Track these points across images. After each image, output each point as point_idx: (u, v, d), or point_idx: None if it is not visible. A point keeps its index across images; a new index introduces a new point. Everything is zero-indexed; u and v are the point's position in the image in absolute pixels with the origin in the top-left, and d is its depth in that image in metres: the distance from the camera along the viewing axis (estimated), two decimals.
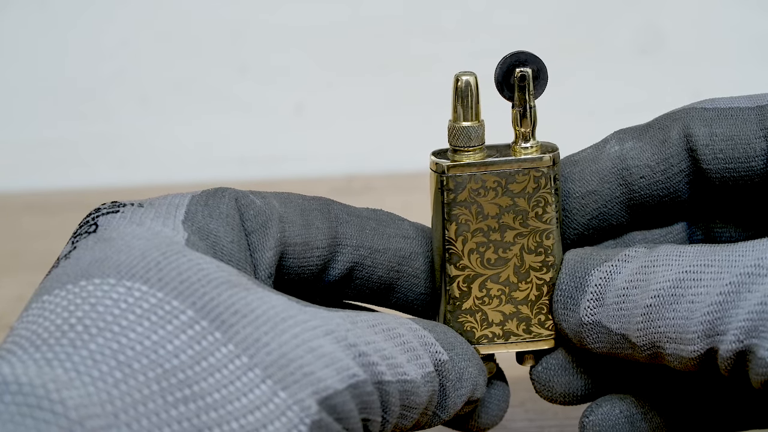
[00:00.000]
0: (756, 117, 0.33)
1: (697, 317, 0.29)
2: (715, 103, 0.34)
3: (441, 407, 0.32)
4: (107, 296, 0.27)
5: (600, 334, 0.32)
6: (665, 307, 0.30)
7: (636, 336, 0.31)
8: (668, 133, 0.34)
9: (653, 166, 0.34)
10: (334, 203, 0.34)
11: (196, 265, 0.28)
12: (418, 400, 0.30)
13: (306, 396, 0.27)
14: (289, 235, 0.32)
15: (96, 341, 0.26)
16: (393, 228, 0.34)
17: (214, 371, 0.26)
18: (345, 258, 0.33)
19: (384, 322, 0.30)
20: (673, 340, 0.30)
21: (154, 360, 0.26)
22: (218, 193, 0.32)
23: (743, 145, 0.33)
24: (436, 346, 0.32)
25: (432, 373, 0.31)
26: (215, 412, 0.26)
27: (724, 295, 0.29)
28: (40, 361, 0.25)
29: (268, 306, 0.28)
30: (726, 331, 0.28)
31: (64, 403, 0.24)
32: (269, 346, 0.27)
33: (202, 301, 0.27)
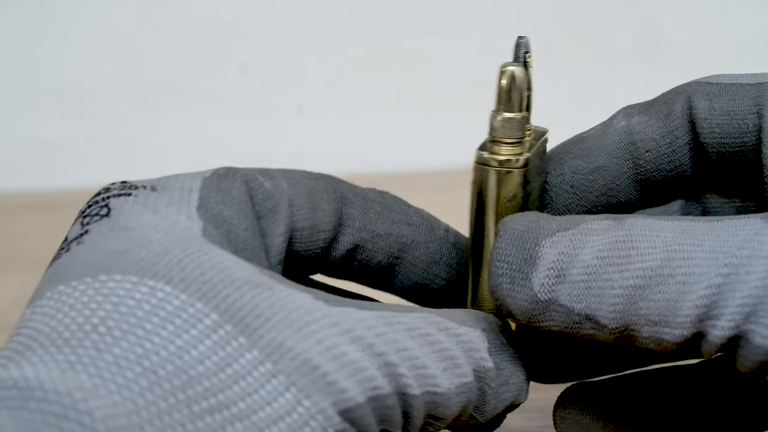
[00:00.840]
0: (753, 93, 0.33)
1: (691, 300, 0.27)
2: (719, 78, 0.33)
3: (479, 411, 0.31)
4: (129, 295, 0.26)
5: (556, 313, 0.29)
6: (651, 288, 0.28)
7: (608, 318, 0.28)
8: (672, 106, 0.34)
9: (658, 140, 0.34)
10: (341, 182, 0.34)
11: (219, 264, 0.27)
12: (447, 412, 0.29)
13: (328, 406, 0.26)
14: (297, 220, 0.32)
15: (120, 345, 0.25)
16: (398, 213, 0.34)
17: (238, 378, 0.25)
18: (347, 239, 0.33)
19: (425, 325, 0.29)
20: (655, 323, 0.28)
21: (179, 366, 0.25)
22: (229, 175, 0.31)
23: (738, 119, 0.32)
24: (481, 352, 0.30)
25: (469, 383, 0.30)
26: (240, 423, 0.25)
27: (722, 277, 0.27)
28: (63, 364, 0.24)
29: (292, 307, 0.27)
30: (720, 316, 0.27)
31: (92, 414, 0.23)
32: (293, 351, 0.26)
33: (226, 303, 0.26)
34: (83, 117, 0.72)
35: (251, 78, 0.72)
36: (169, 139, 0.72)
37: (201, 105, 0.72)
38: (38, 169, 0.72)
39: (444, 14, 0.72)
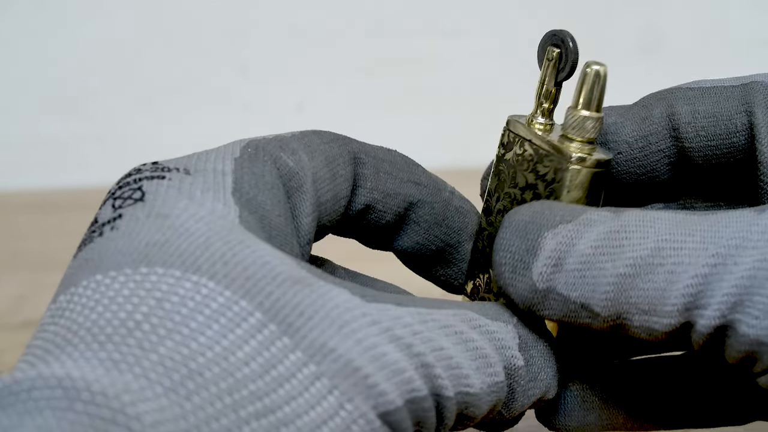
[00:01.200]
0: (738, 94, 0.32)
1: (678, 289, 0.27)
2: (699, 83, 0.33)
3: (506, 407, 0.30)
4: (173, 291, 0.25)
5: (554, 301, 0.29)
6: (640, 277, 0.28)
7: (601, 306, 0.28)
8: (651, 111, 0.33)
9: (631, 143, 0.33)
10: (352, 142, 0.33)
11: (261, 258, 0.26)
12: (477, 411, 0.29)
13: (368, 409, 0.25)
14: (321, 194, 0.31)
15: (165, 344, 0.24)
16: (406, 172, 0.34)
17: (283, 381, 0.25)
18: (360, 200, 0.33)
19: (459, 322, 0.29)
20: (645, 312, 0.28)
21: (226, 368, 0.24)
22: (259, 155, 0.30)
23: (725, 121, 0.32)
24: (512, 350, 0.30)
25: (500, 383, 0.29)
26: (286, 427, 0.24)
27: (709, 267, 0.27)
28: (107, 362, 0.23)
29: (332, 305, 0.26)
30: (707, 305, 0.27)
31: (141, 420, 0.22)
32: (335, 352, 0.25)
33: (269, 301, 0.25)
34: (83, 117, 0.72)
35: (251, 78, 0.72)
36: (169, 139, 0.72)
37: (201, 105, 0.72)
38: (39, 168, 0.72)
39: (444, 15, 0.72)
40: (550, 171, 0.32)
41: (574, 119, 0.32)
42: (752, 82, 0.32)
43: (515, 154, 0.33)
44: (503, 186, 0.33)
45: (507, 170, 0.33)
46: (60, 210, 0.68)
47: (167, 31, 0.72)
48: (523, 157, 0.33)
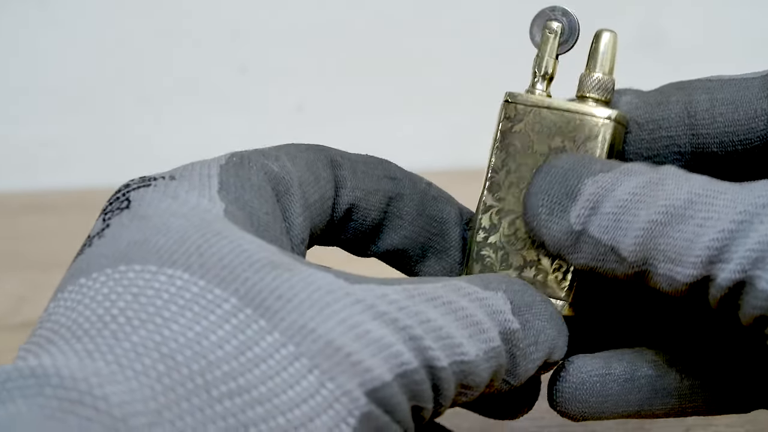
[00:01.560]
0: (759, 83, 0.33)
1: (704, 241, 0.28)
2: (720, 77, 0.34)
3: (511, 374, 0.30)
4: (149, 285, 0.26)
5: (585, 244, 0.30)
6: (671, 225, 0.29)
7: (629, 250, 0.29)
8: (668, 97, 0.34)
9: (642, 124, 0.34)
10: (328, 148, 0.34)
11: (238, 247, 0.27)
12: (478, 380, 0.29)
13: (354, 387, 0.25)
14: (308, 195, 0.32)
15: (138, 333, 0.25)
16: (380, 169, 0.34)
17: (259, 362, 0.25)
18: (343, 200, 0.33)
19: (447, 293, 0.29)
20: (671, 260, 0.29)
21: (198, 352, 0.25)
22: (244, 162, 0.31)
23: (745, 107, 0.33)
24: (506, 314, 0.30)
25: (497, 348, 0.29)
26: (261, 406, 0.25)
27: (735, 223, 0.28)
28: (81, 353, 0.24)
29: (313, 288, 0.26)
30: (730, 259, 0.28)
31: (108, 400, 0.23)
32: (315, 332, 0.26)
33: (245, 287, 0.26)
34: (83, 117, 0.72)
35: (251, 78, 0.72)
36: (169, 139, 0.72)
37: (201, 105, 0.72)
38: (39, 169, 0.72)
39: (444, 15, 0.72)
40: (583, 130, 0.33)
41: (593, 81, 0.33)
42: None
43: (528, 123, 0.33)
44: (515, 158, 0.34)
45: (520, 141, 0.33)
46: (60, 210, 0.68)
47: (167, 31, 0.72)
48: (542, 124, 0.33)
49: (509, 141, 0.34)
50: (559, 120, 0.33)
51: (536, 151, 0.33)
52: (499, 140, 0.34)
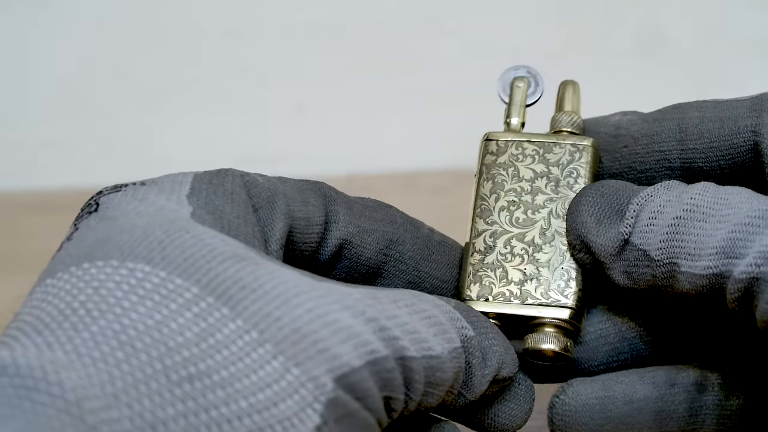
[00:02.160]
0: (748, 104, 0.34)
1: (720, 235, 0.29)
2: (715, 99, 0.35)
3: (466, 386, 0.31)
4: (110, 279, 0.26)
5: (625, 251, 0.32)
6: (692, 222, 0.30)
7: (657, 250, 0.31)
8: (665, 115, 0.35)
9: (637, 138, 0.35)
10: (324, 184, 0.34)
11: (200, 241, 0.27)
12: (444, 377, 0.29)
13: (321, 373, 0.26)
14: (293, 210, 0.32)
15: (98, 323, 0.25)
16: (380, 212, 0.34)
17: (221, 348, 0.25)
18: (335, 235, 0.33)
19: (408, 297, 0.30)
20: (691, 256, 0.30)
21: (158, 339, 0.25)
22: (221, 172, 0.31)
23: (730, 124, 0.34)
24: (462, 321, 0.31)
25: (459, 349, 0.30)
26: (222, 390, 0.25)
27: (751, 218, 0.29)
28: (41, 345, 0.25)
29: (279, 280, 0.27)
30: (745, 255, 0.29)
31: (62, 385, 0.24)
32: (281, 320, 0.26)
33: (208, 278, 0.26)
34: (83, 117, 0.72)
35: (251, 78, 0.72)
36: (169, 139, 0.72)
37: (201, 105, 0.72)
38: (38, 169, 0.72)
39: (444, 15, 0.72)
40: (565, 155, 0.36)
41: (565, 118, 0.37)
42: (763, 94, 0.34)
43: (511, 154, 0.36)
44: (503, 186, 0.36)
45: (505, 170, 0.36)
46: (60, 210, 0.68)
47: (167, 31, 0.72)
48: (524, 153, 0.36)
49: (495, 172, 0.36)
50: (540, 149, 0.36)
51: (522, 177, 0.36)
52: (483, 173, 0.36)
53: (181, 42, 0.72)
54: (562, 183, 0.36)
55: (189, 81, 0.72)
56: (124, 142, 0.73)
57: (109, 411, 0.24)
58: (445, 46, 0.71)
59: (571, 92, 0.38)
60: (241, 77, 0.72)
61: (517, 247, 0.35)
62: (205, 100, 0.72)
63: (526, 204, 0.35)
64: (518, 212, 0.35)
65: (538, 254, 0.35)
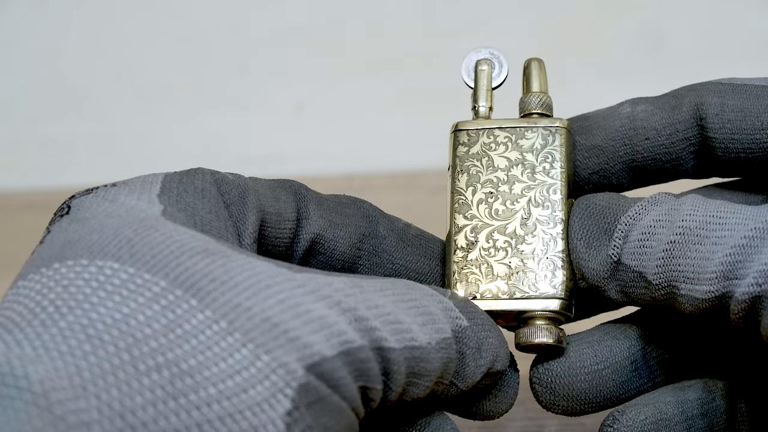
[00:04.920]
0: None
1: (718, 257, 0.29)
2: (730, 80, 0.34)
3: (459, 376, 0.31)
4: (79, 276, 0.27)
5: (618, 272, 0.32)
6: (687, 246, 0.30)
7: (653, 273, 0.31)
8: (681, 100, 0.34)
9: (659, 129, 0.34)
10: (294, 181, 0.34)
11: (169, 238, 0.27)
12: (429, 368, 0.29)
13: (291, 360, 0.26)
14: (264, 205, 0.32)
15: (66, 319, 0.26)
16: (352, 208, 0.34)
17: (189, 338, 0.26)
18: (307, 230, 0.33)
19: (396, 287, 0.29)
20: (690, 279, 0.30)
21: (125, 331, 0.25)
22: (191, 171, 0.32)
23: (752, 117, 0.33)
24: (455, 311, 0.31)
25: (448, 339, 0.30)
26: (191, 378, 0.25)
27: (748, 239, 0.29)
28: (10, 343, 0.25)
29: (250, 272, 0.27)
30: (745, 275, 0.28)
31: (29, 378, 0.24)
32: (251, 310, 0.26)
33: (176, 272, 0.27)
34: (83, 117, 0.72)
35: (251, 78, 0.72)
36: (169, 139, 0.72)
37: (201, 105, 0.72)
38: (38, 169, 0.72)
39: (444, 15, 0.72)
40: (538, 139, 0.35)
41: (534, 99, 0.36)
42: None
43: (483, 143, 0.36)
44: (479, 177, 0.35)
45: (479, 161, 0.35)
46: None
47: (167, 31, 0.72)
48: (496, 141, 0.35)
49: (469, 164, 0.35)
50: (512, 135, 0.35)
51: (497, 166, 0.35)
52: (457, 165, 0.35)
53: (181, 42, 0.72)
54: (538, 169, 0.35)
55: (189, 81, 0.72)
56: (124, 142, 0.73)
57: (77, 401, 0.24)
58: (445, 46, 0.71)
59: (538, 70, 0.37)
60: (241, 77, 0.72)
61: (500, 240, 0.34)
62: (205, 100, 0.72)
63: (504, 194, 0.35)
64: (497, 204, 0.35)
65: (521, 246, 0.34)
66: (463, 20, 0.72)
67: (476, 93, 0.38)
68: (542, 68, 0.37)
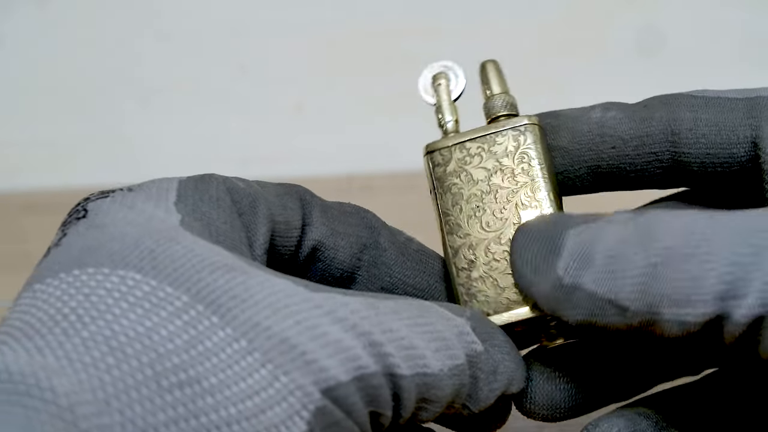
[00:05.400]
0: (743, 107, 0.33)
1: (714, 277, 0.27)
2: (704, 92, 0.34)
3: (472, 399, 0.30)
4: (101, 286, 0.26)
5: (580, 299, 0.29)
6: (672, 266, 0.27)
7: (630, 299, 0.28)
8: (653, 113, 0.34)
9: (626, 140, 0.34)
10: (300, 187, 0.34)
11: (191, 251, 0.27)
12: (440, 394, 0.29)
13: (308, 383, 0.26)
14: (274, 214, 0.32)
15: (88, 329, 0.25)
16: (355, 218, 0.34)
17: (210, 355, 0.26)
18: (309, 236, 0.33)
19: (412, 309, 0.29)
20: (677, 303, 0.27)
21: (148, 345, 0.25)
22: (205, 178, 0.31)
23: (727, 131, 0.32)
24: (471, 335, 0.30)
25: (461, 366, 0.29)
26: (212, 397, 0.25)
27: (747, 256, 0.26)
28: (32, 350, 0.25)
29: (269, 290, 0.27)
30: (746, 294, 0.26)
31: (54, 390, 0.24)
32: (270, 330, 0.26)
33: (197, 287, 0.26)
34: (83, 117, 0.72)
35: (251, 78, 0.72)
36: (169, 139, 0.72)
37: (201, 105, 0.72)
38: (38, 169, 0.72)
39: (444, 15, 0.72)
40: (510, 141, 0.34)
41: (497, 101, 0.36)
42: (758, 97, 0.33)
43: (458, 159, 0.35)
44: (462, 194, 0.34)
45: (458, 178, 0.35)
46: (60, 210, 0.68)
47: (167, 31, 0.72)
48: (470, 153, 0.35)
49: (448, 183, 0.35)
50: (484, 144, 0.35)
51: (477, 179, 0.34)
52: (438, 187, 0.35)
53: (181, 42, 0.72)
54: (517, 171, 0.34)
55: (189, 81, 0.72)
56: (124, 142, 0.73)
57: (100, 417, 0.24)
58: (445, 46, 0.71)
59: (494, 72, 0.37)
60: (241, 77, 0.72)
61: (497, 252, 0.34)
62: (205, 100, 0.72)
63: (491, 205, 0.34)
64: (486, 216, 0.34)
65: None
66: (463, 20, 0.72)
67: (439, 109, 0.37)
68: (498, 68, 0.37)
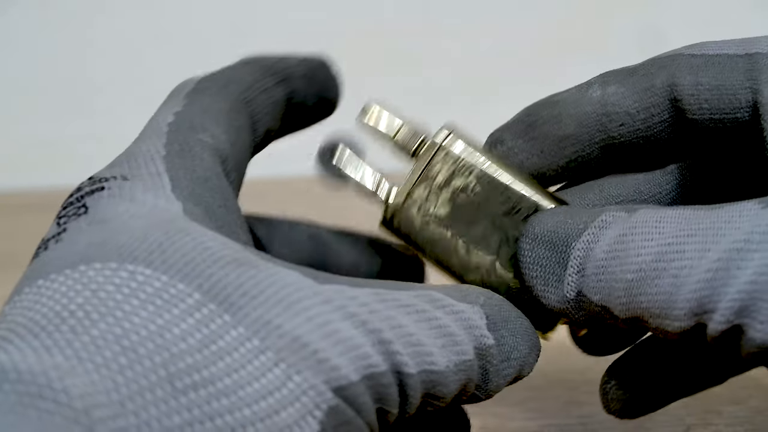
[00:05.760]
0: (743, 66, 0.32)
1: (684, 294, 0.27)
2: (703, 48, 0.33)
3: (481, 389, 0.30)
4: (109, 281, 0.26)
5: (582, 303, 0.30)
6: (646, 282, 0.28)
7: (619, 309, 0.29)
8: (653, 80, 0.33)
9: (633, 114, 0.33)
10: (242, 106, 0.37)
11: (201, 245, 0.27)
12: (446, 390, 0.29)
13: (319, 382, 0.25)
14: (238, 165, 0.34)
15: (98, 327, 0.24)
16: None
17: (224, 355, 0.25)
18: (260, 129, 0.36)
19: (421, 302, 0.29)
20: (657, 315, 0.28)
21: (161, 344, 0.24)
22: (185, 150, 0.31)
23: (729, 95, 0.32)
24: (481, 329, 0.30)
25: (469, 361, 0.29)
26: (226, 398, 0.24)
27: (713, 272, 0.27)
28: (39, 349, 0.24)
29: (280, 285, 0.26)
30: (715, 310, 0.27)
31: (68, 392, 0.23)
32: (282, 328, 0.26)
33: (209, 283, 0.26)
34: (83, 117, 0.72)
35: None
36: None
37: None
38: (39, 168, 0.72)
39: (445, 15, 0.72)
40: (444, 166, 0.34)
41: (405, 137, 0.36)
42: (757, 53, 0.32)
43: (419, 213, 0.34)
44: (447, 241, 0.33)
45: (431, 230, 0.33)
46: None
47: (167, 30, 0.72)
48: (425, 200, 0.34)
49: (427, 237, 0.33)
50: (425, 182, 0.34)
51: (446, 218, 0.33)
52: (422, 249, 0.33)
53: (181, 42, 0.72)
54: (471, 185, 0.33)
55: None
56: (124, 142, 0.73)
57: (116, 420, 0.23)
58: (445, 46, 0.71)
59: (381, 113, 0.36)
60: None
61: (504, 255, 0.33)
62: None
63: (475, 235, 0.33)
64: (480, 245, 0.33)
65: None
66: (463, 20, 0.72)
67: (362, 184, 0.36)
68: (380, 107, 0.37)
